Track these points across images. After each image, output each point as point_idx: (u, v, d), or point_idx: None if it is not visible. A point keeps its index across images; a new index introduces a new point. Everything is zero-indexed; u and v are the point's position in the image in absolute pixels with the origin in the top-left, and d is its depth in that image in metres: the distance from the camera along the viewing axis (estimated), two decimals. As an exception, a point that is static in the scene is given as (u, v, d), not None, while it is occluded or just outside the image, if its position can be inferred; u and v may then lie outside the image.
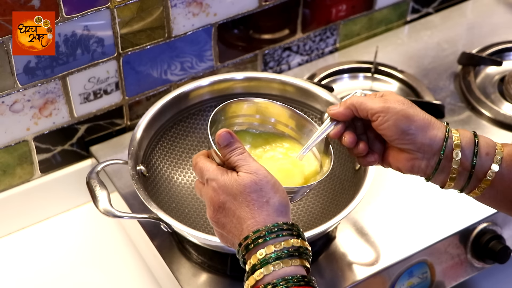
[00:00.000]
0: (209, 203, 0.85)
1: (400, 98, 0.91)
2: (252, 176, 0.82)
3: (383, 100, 0.90)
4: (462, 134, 0.91)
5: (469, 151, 0.90)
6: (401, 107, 0.90)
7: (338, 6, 1.38)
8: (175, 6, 1.19)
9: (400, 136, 0.90)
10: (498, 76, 1.39)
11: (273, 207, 0.81)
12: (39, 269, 1.21)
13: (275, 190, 0.82)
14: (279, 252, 0.79)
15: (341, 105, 0.93)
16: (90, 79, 1.20)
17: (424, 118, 0.90)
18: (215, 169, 0.85)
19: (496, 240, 1.14)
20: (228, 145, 0.85)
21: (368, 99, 0.91)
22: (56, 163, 1.26)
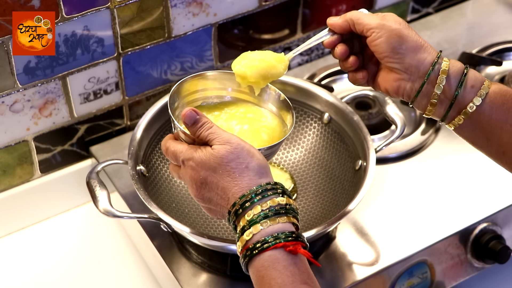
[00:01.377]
0: (190, 182, 0.86)
1: (399, 19, 0.94)
2: (227, 147, 0.84)
3: (380, 17, 0.94)
4: (452, 63, 0.92)
5: (455, 80, 0.91)
6: (396, 26, 0.92)
7: (338, 6, 1.38)
8: (175, 6, 1.19)
9: (390, 53, 0.92)
10: (498, 76, 1.39)
11: (253, 170, 0.83)
12: (39, 269, 1.21)
13: (251, 154, 0.84)
14: (266, 211, 0.81)
15: (340, 17, 0.96)
16: (90, 79, 1.20)
17: (417, 40, 0.93)
18: (188, 149, 0.86)
19: (496, 240, 1.14)
20: (195, 122, 0.86)
21: (366, 16, 0.94)
22: (56, 163, 1.26)
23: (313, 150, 1.19)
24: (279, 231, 0.80)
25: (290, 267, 0.79)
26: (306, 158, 1.19)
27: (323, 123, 1.18)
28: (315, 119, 1.19)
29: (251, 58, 0.99)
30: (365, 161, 1.08)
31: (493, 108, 0.91)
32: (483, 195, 1.17)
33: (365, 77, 0.97)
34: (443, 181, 1.20)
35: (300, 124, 1.20)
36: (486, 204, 1.16)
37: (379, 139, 1.25)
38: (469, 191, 1.18)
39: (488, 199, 1.17)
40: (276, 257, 0.79)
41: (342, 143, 1.16)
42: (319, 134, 1.19)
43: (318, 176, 1.17)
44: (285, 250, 0.79)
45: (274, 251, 0.79)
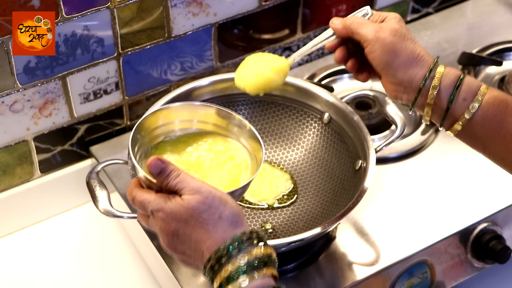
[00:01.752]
0: (161, 233, 0.82)
1: (396, 27, 0.94)
2: (197, 197, 0.79)
3: (377, 28, 0.94)
4: (445, 75, 0.93)
5: (447, 93, 0.92)
6: (391, 39, 0.93)
7: (338, 6, 1.38)
8: (175, 6, 1.19)
9: (384, 68, 0.94)
10: (498, 76, 1.39)
11: (227, 220, 0.79)
12: (39, 269, 1.21)
13: (224, 202, 0.80)
14: (243, 267, 0.77)
15: (342, 22, 0.98)
16: (90, 79, 1.19)
17: (410, 54, 0.93)
18: (156, 199, 0.82)
19: (496, 240, 1.14)
20: (161, 172, 0.81)
21: (365, 25, 0.95)
22: (56, 163, 1.26)
23: (313, 150, 1.19)
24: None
25: None
26: (306, 158, 1.19)
27: (323, 123, 1.18)
28: (315, 119, 1.19)
29: (249, 73, 1.01)
30: (365, 161, 1.08)
31: (486, 120, 0.91)
32: (483, 195, 1.17)
33: (366, 79, 1.00)
34: (443, 181, 1.20)
35: (300, 124, 1.20)
36: (486, 204, 1.16)
37: (379, 139, 1.25)
38: (469, 191, 1.18)
39: (488, 199, 1.17)
40: None
41: (342, 143, 1.16)
42: (319, 134, 1.19)
43: (318, 176, 1.17)
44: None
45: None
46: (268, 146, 1.21)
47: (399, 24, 0.95)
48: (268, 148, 1.21)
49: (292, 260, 1.09)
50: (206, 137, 0.99)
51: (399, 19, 0.96)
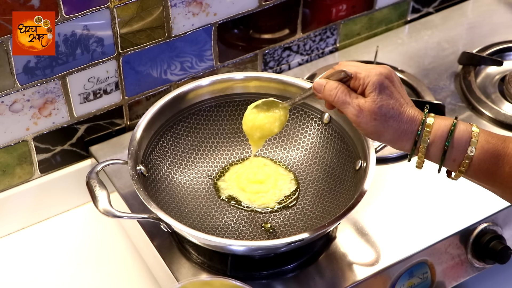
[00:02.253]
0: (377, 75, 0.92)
1: (375, 110, 0.93)
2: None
3: (357, 110, 0.94)
4: (431, 142, 0.93)
5: (437, 158, 0.93)
6: (372, 124, 0.93)
7: (338, 5, 1.38)
8: (175, 6, 1.19)
9: (373, 139, 0.99)
10: (498, 76, 1.39)
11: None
12: (39, 269, 1.21)
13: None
14: None
15: (324, 92, 0.97)
16: (89, 79, 1.19)
17: (394, 133, 0.93)
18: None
19: (496, 240, 1.13)
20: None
21: (345, 105, 0.95)
22: (55, 163, 1.26)
23: (313, 150, 1.19)
24: None
25: None
26: (306, 158, 1.19)
27: (323, 123, 1.18)
28: (315, 119, 1.19)
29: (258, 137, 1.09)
30: (365, 161, 1.08)
31: (479, 174, 0.93)
32: (483, 195, 1.17)
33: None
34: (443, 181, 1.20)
35: (300, 124, 1.20)
36: (486, 204, 1.16)
37: (379, 139, 1.24)
38: (469, 191, 1.18)
39: (489, 199, 1.16)
40: None
41: (342, 143, 1.16)
42: (319, 134, 1.19)
43: (318, 176, 1.17)
44: None
45: None
46: (268, 146, 1.21)
47: (379, 98, 0.93)
48: (268, 148, 1.21)
49: (292, 260, 1.09)
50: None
51: (378, 90, 0.93)
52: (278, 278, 1.07)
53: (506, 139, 0.92)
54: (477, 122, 1.30)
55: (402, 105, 0.93)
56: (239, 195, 1.14)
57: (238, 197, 1.14)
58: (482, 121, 1.30)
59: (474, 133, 0.92)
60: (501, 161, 0.91)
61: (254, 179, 1.15)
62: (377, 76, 0.93)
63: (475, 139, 0.91)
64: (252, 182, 1.15)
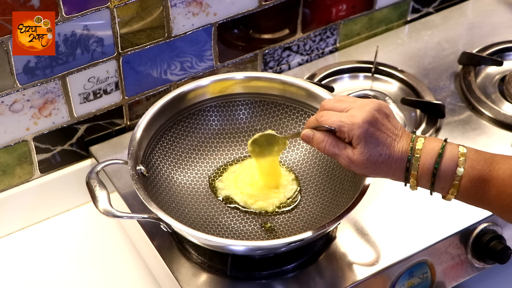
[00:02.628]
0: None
1: (364, 160, 0.96)
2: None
3: (347, 161, 0.97)
4: (420, 175, 0.95)
5: (426, 186, 0.96)
6: (363, 171, 0.97)
7: (338, 5, 1.38)
8: (175, 6, 1.19)
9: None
10: (498, 76, 1.39)
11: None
12: (39, 269, 1.21)
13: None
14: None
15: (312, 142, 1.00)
16: (89, 79, 1.19)
17: (386, 173, 0.96)
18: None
19: (496, 240, 1.13)
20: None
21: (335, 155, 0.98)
22: (55, 163, 1.26)
23: (314, 150, 1.19)
24: None
25: None
26: (307, 158, 1.19)
27: None
28: (315, 119, 1.18)
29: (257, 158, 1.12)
30: (365, 161, 1.08)
31: (467, 198, 0.95)
32: (483, 195, 1.17)
33: None
34: (443, 181, 1.20)
35: (300, 124, 1.20)
36: (486, 204, 1.16)
37: (379, 139, 1.24)
38: (469, 191, 1.18)
39: (489, 199, 1.16)
40: None
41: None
42: (319, 134, 1.18)
43: (318, 176, 1.17)
44: None
45: None
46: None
47: (367, 149, 0.95)
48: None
49: (292, 260, 1.09)
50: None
51: (364, 143, 0.95)
52: (278, 278, 1.07)
53: (493, 161, 0.93)
54: (477, 122, 1.30)
55: (390, 146, 0.95)
56: (236, 197, 1.14)
57: (234, 198, 1.14)
58: (482, 121, 1.30)
59: (460, 160, 0.93)
60: (487, 185, 0.93)
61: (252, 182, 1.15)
62: (360, 129, 0.95)
63: (461, 168, 0.93)
64: (250, 184, 1.15)
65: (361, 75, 1.39)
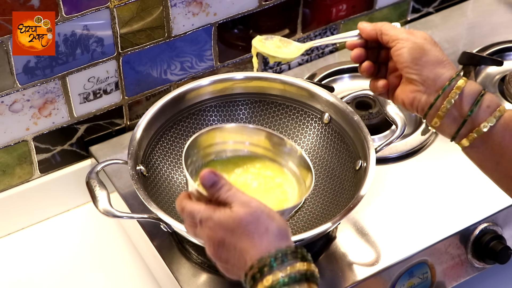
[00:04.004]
0: (207, 242, 0.84)
1: (427, 36, 0.96)
2: (246, 209, 0.81)
3: (408, 31, 0.97)
4: (470, 83, 0.94)
5: (470, 98, 0.93)
6: (421, 41, 0.95)
7: (338, 5, 1.38)
8: (175, 6, 1.19)
9: (410, 64, 0.95)
10: (498, 76, 1.39)
11: (273, 234, 0.80)
12: (39, 269, 1.21)
13: (272, 218, 0.81)
14: (285, 278, 0.78)
15: (371, 24, 0.99)
16: (89, 79, 1.19)
17: (438, 55, 0.95)
18: (205, 209, 0.84)
19: (496, 241, 1.13)
20: (213, 184, 0.83)
21: (396, 28, 0.97)
22: (55, 163, 1.26)
23: (313, 150, 1.19)
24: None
25: None
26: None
27: (323, 123, 1.18)
28: (315, 119, 1.19)
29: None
30: (365, 161, 1.08)
31: (507, 130, 0.92)
32: (483, 195, 1.17)
33: (385, 86, 1.00)
34: (443, 181, 1.20)
35: (300, 124, 1.20)
36: (486, 204, 1.16)
37: (380, 139, 1.24)
38: (469, 191, 1.18)
39: (489, 199, 1.16)
40: None
41: (342, 143, 1.15)
42: (319, 134, 1.19)
43: (318, 176, 1.17)
44: None
45: None
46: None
47: (429, 36, 0.97)
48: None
49: (292, 260, 1.09)
50: (256, 161, 1.05)
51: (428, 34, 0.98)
52: (278, 278, 1.07)
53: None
54: (477, 122, 1.30)
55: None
56: None
57: None
58: (482, 121, 1.30)
59: (502, 105, 0.93)
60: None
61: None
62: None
63: (502, 108, 0.93)
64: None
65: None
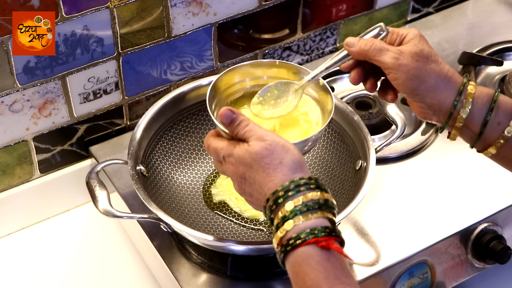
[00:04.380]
0: (232, 177, 0.88)
1: (417, 50, 0.91)
2: (261, 143, 0.85)
3: (397, 54, 0.91)
4: (477, 97, 0.90)
5: (480, 117, 0.90)
6: (413, 65, 0.90)
7: (338, 5, 1.38)
8: (175, 6, 1.19)
9: (410, 94, 0.93)
10: (498, 76, 1.39)
11: (287, 166, 0.83)
12: (39, 269, 1.21)
13: (286, 149, 0.84)
14: (299, 207, 0.80)
15: (357, 46, 0.95)
16: (89, 79, 1.19)
17: (436, 77, 0.91)
18: (227, 145, 0.88)
19: (496, 241, 1.13)
20: (232, 121, 0.88)
21: (383, 52, 0.92)
22: (55, 163, 1.26)
23: (313, 150, 1.19)
24: (311, 227, 0.79)
25: (323, 263, 0.79)
26: (306, 158, 1.19)
27: None
28: (315, 119, 1.18)
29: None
30: (365, 161, 1.08)
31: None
32: (483, 195, 1.17)
33: (394, 98, 0.98)
34: (443, 181, 1.20)
35: (300, 124, 1.20)
36: (486, 204, 1.16)
37: (380, 139, 1.24)
38: (469, 191, 1.18)
39: (489, 199, 1.16)
40: (309, 253, 0.79)
41: (342, 143, 1.15)
42: (319, 134, 1.18)
43: (318, 176, 1.17)
44: (317, 245, 0.79)
45: (307, 247, 0.79)
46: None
47: (420, 44, 0.92)
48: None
49: (292, 260, 1.09)
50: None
51: (419, 38, 0.93)
52: (278, 278, 1.07)
53: None
54: (477, 122, 1.30)
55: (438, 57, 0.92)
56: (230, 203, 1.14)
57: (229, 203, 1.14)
58: (482, 121, 1.30)
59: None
60: None
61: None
62: (417, 30, 0.94)
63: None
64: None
65: (361, 75, 1.39)
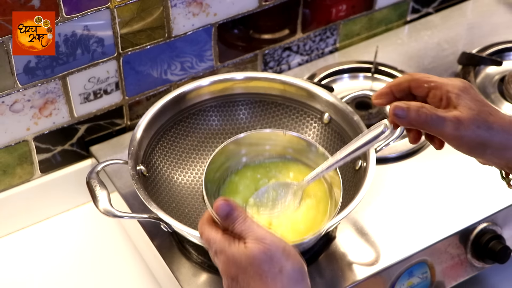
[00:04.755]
0: (222, 274, 0.81)
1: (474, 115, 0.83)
2: (260, 246, 0.78)
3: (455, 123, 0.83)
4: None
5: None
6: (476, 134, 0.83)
7: (338, 6, 1.38)
8: (175, 6, 1.19)
9: (476, 158, 0.88)
10: (498, 76, 1.39)
11: (287, 276, 0.77)
12: (39, 269, 1.21)
13: (287, 255, 0.78)
14: None
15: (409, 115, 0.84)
16: (90, 79, 1.20)
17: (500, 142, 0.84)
18: (221, 240, 0.81)
19: (496, 240, 1.14)
20: (227, 215, 0.80)
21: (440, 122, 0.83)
22: (56, 163, 1.26)
23: (313, 150, 1.19)
24: None
25: None
26: (306, 158, 1.19)
27: (323, 123, 1.18)
28: (315, 119, 1.19)
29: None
30: (365, 161, 1.08)
31: None
32: (483, 195, 1.17)
33: (441, 147, 0.91)
34: (443, 181, 1.20)
35: (300, 124, 1.20)
36: (486, 204, 1.16)
37: (379, 139, 1.24)
38: (469, 191, 1.18)
39: (488, 199, 1.16)
40: None
41: (342, 143, 1.16)
42: (319, 134, 1.19)
43: (318, 176, 1.17)
44: None
45: None
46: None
47: (474, 104, 0.84)
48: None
49: (292, 260, 1.09)
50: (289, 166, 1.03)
51: (470, 97, 0.84)
52: (278, 278, 1.07)
53: None
54: (477, 122, 1.30)
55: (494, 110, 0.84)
56: None
57: None
58: (481, 121, 1.30)
59: None
60: None
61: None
62: (460, 82, 0.84)
63: None
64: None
65: (361, 75, 1.39)
